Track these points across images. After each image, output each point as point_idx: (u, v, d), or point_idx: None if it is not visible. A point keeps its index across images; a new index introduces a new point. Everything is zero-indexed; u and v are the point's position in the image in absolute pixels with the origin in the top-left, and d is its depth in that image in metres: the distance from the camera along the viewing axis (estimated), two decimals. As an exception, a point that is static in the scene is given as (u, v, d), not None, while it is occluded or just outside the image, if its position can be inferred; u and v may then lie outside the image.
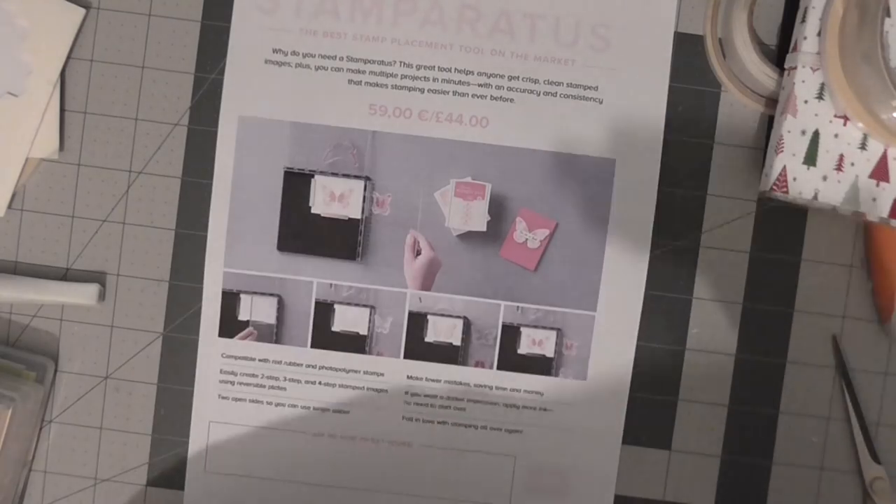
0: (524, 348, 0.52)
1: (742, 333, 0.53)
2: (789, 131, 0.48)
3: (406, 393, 0.53)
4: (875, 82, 0.46)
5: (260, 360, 0.53)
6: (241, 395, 0.53)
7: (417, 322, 0.52)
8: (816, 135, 0.48)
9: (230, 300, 0.52)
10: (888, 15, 0.46)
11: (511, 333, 0.52)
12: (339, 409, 0.53)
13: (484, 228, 0.52)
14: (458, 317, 0.52)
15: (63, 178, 0.53)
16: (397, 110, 0.52)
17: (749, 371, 0.53)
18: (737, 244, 0.53)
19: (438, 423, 0.53)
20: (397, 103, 0.52)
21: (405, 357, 0.53)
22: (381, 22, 0.52)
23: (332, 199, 0.52)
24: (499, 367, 0.52)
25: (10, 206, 0.53)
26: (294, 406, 0.53)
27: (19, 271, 0.53)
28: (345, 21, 0.52)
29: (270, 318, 0.52)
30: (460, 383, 0.53)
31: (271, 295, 0.52)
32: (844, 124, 0.48)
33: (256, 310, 0.52)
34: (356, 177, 0.52)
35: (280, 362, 0.53)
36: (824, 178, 0.48)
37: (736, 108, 0.53)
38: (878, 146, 0.48)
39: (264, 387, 0.53)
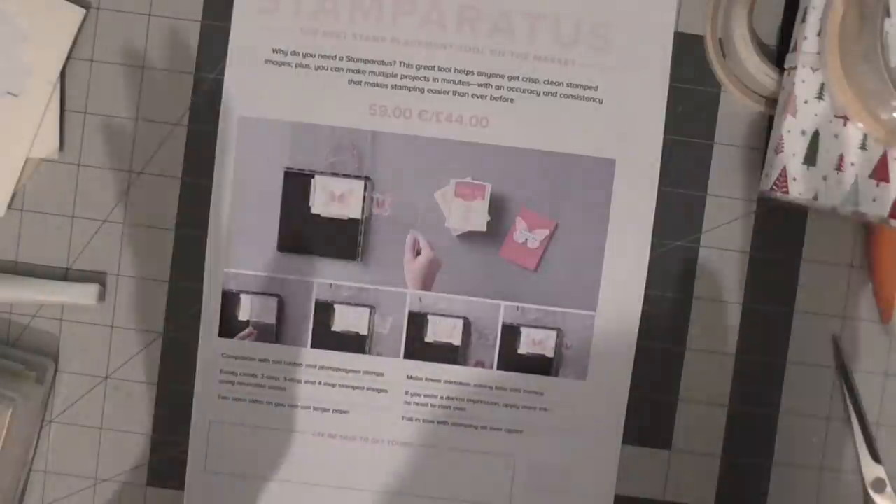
0: (524, 348, 0.52)
1: (742, 333, 0.53)
2: (789, 131, 0.48)
3: (406, 393, 0.53)
4: (875, 82, 0.46)
5: (260, 360, 0.53)
6: (241, 395, 0.53)
7: (417, 322, 0.52)
8: (816, 135, 0.48)
9: (230, 300, 0.52)
10: (888, 15, 0.46)
11: (511, 333, 0.52)
12: (339, 409, 0.53)
13: (484, 228, 0.52)
14: (458, 317, 0.52)
15: (63, 178, 0.53)
16: (397, 110, 0.52)
17: (749, 371, 0.53)
18: (737, 244, 0.53)
19: (438, 423, 0.53)
20: (397, 103, 0.52)
21: (405, 357, 0.53)
22: (381, 22, 0.52)
23: (332, 199, 0.52)
24: (499, 367, 0.52)
25: (10, 206, 0.53)
26: (294, 406, 0.53)
27: (19, 271, 0.53)
28: (345, 21, 0.52)
29: (270, 318, 0.52)
30: (460, 383, 0.53)
31: (271, 295, 0.52)
32: (844, 124, 0.48)
33: (256, 310, 0.52)
34: (356, 177, 0.52)
35: (280, 362, 0.53)
36: (824, 178, 0.48)
37: (736, 108, 0.53)
38: (878, 146, 0.48)
39: (264, 387, 0.53)
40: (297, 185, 0.52)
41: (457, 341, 0.52)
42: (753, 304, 0.53)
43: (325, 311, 0.52)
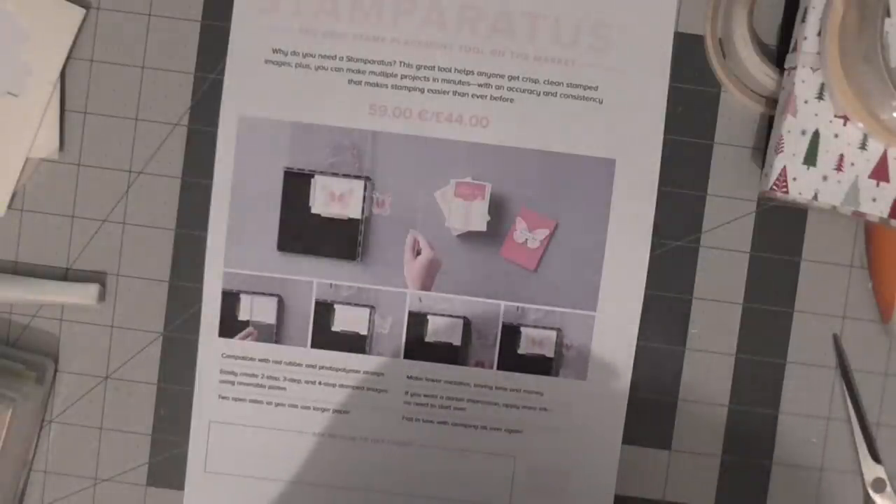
0: (524, 348, 0.52)
1: (742, 333, 0.53)
2: (789, 131, 0.48)
3: (406, 393, 0.53)
4: (875, 82, 0.46)
5: (260, 360, 0.53)
6: (241, 395, 0.53)
7: (417, 322, 0.52)
8: (816, 135, 0.48)
9: (230, 300, 0.52)
10: (888, 15, 0.46)
11: (511, 333, 0.52)
12: (339, 409, 0.53)
13: (484, 228, 0.52)
14: (458, 317, 0.52)
15: (63, 178, 0.53)
16: (397, 110, 0.52)
17: (749, 371, 0.53)
18: (737, 244, 0.53)
19: (438, 423, 0.53)
20: (397, 103, 0.52)
21: (405, 357, 0.53)
22: (381, 22, 0.52)
23: (332, 199, 0.52)
24: (499, 367, 0.52)
25: (10, 206, 0.53)
26: (294, 406, 0.53)
27: (19, 271, 0.53)
28: (345, 21, 0.52)
29: (270, 318, 0.52)
30: (460, 383, 0.53)
31: (271, 295, 0.52)
32: (844, 124, 0.48)
33: (256, 310, 0.52)
34: (356, 177, 0.52)
35: (280, 362, 0.53)
36: (824, 178, 0.48)
37: (736, 108, 0.53)
38: (878, 146, 0.48)
39: (264, 387, 0.53)
40: (297, 185, 0.52)
41: (457, 341, 0.52)
42: (753, 304, 0.53)
43: (325, 311, 0.52)
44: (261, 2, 0.52)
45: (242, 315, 0.52)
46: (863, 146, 0.48)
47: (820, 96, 0.48)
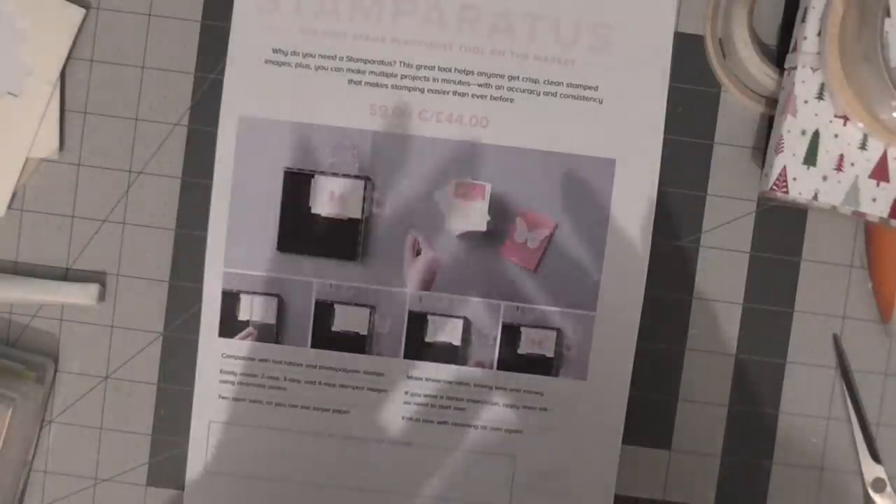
0: (524, 348, 0.52)
1: (742, 333, 0.53)
2: (789, 131, 0.48)
3: (406, 393, 0.53)
4: (875, 82, 0.46)
5: (260, 360, 0.53)
6: (241, 395, 0.53)
7: (417, 322, 0.52)
8: (816, 135, 0.48)
9: (230, 300, 0.52)
10: (888, 15, 0.46)
11: (511, 333, 0.52)
12: (339, 409, 0.53)
13: (484, 228, 0.52)
14: (458, 317, 0.52)
15: (63, 178, 0.53)
16: (397, 110, 0.52)
17: (749, 371, 0.53)
18: (737, 244, 0.53)
19: (438, 423, 0.53)
20: (397, 103, 0.52)
21: (405, 357, 0.53)
22: (381, 22, 0.52)
23: (332, 199, 0.52)
24: (499, 367, 0.52)
25: (10, 206, 0.53)
26: (294, 406, 0.53)
27: (19, 271, 0.53)
28: (345, 21, 0.52)
29: (270, 318, 0.52)
30: (460, 383, 0.53)
31: (271, 295, 0.52)
32: (844, 124, 0.48)
33: (256, 310, 0.52)
34: (356, 177, 0.52)
35: (280, 362, 0.53)
36: (824, 178, 0.48)
37: (736, 108, 0.53)
38: (878, 146, 0.48)
39: (264, 387, 0.53)
40: (297, 185, 0.52)
41: (457, 341, 0.52)
42: (753, 304, 0.53)
43: (325, 311, 0.52)
44: (261, 2, 0.52)
45: (242, 315, 0.52)
46: (863, 146, 0.48)
47: (820, 96, 0.48)
